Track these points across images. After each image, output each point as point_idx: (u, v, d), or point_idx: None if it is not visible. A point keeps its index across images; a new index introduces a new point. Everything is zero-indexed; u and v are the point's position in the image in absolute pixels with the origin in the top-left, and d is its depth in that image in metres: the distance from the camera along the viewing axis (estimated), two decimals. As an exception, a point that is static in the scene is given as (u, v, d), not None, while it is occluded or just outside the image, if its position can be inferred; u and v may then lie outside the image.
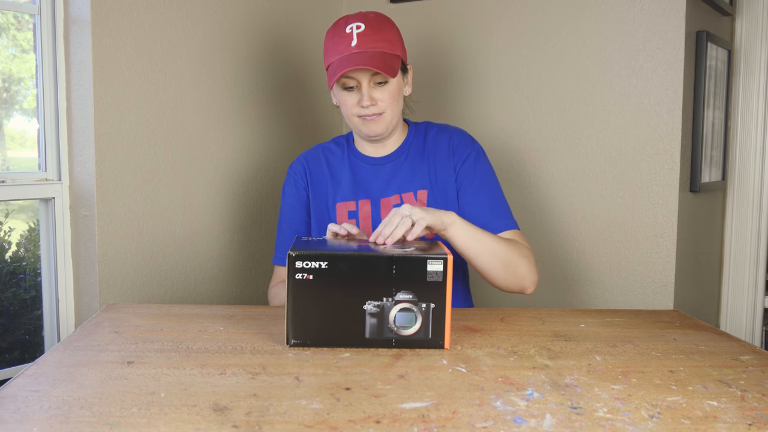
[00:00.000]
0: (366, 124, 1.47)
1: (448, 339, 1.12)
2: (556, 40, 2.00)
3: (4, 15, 1.62)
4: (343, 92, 1.47)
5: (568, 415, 0.85)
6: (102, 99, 1.61)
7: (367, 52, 1.41)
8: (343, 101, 1.48)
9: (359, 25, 1.43)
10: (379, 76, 1.43)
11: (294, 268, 1.10)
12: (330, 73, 1.45)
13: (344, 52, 1.42)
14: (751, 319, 2.39)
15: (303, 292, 1.10)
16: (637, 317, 1.36)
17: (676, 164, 1.87)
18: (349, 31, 1.43)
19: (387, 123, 1.48)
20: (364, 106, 1.44)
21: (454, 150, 1.53)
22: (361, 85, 1.43)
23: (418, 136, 1.57)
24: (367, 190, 1.54)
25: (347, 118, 1.50)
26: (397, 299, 1.11)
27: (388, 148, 1.56)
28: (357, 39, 1.41)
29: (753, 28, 2.30)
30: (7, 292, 1.66)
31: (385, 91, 1.45)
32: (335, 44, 1.45)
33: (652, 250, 1.91)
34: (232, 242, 1.97)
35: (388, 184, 1.53)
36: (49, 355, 1.06)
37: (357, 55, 1.41)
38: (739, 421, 0.84)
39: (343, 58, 1.42)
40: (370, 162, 1.56)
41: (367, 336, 1.11)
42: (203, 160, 1.87)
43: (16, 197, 1.59)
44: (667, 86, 1.86)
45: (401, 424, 0.81)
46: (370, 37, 1.42)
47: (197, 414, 0.84)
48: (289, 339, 1.11)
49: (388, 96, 1.45)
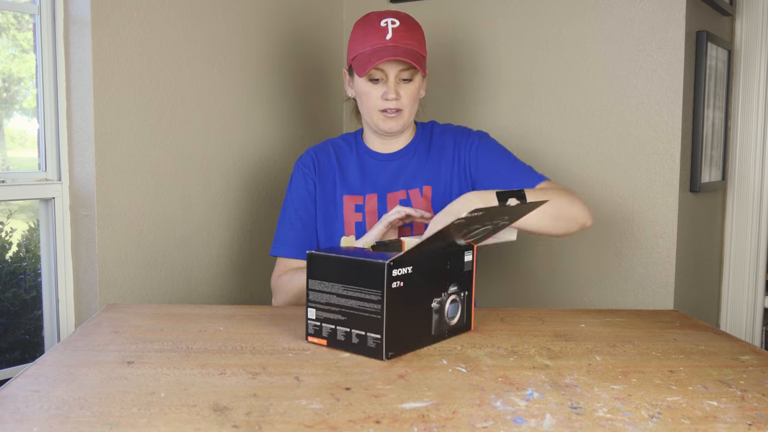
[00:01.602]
0: (386, 120, 1.50)
1: (473, 321, 1.24)
2: (556, 40, 2.00)
3: (4, 15, 1.62)
4: (367, 84, 1.48)
5: (568, 415, 0.85)
6: (102, 99, 1.61)
7: (401, 48, 1.44)
8: (366, 93, 1.49)
9: (394, 21, 1.47)
10: (406, 73, 1.46)
11: (391, 277, 1.04)
12: (360, 62, 1.46)
13: (378, 44, 1.45)
14: (751, 319, 2.39)
15: (397, 302, 1.06)
16: (637, 317, 1.36)
17: (676, 164, 1.87)
18: (384, 24, 1.46)
19: (404, 121, 1.51)
20: (389, 98, 1.46)
21: (458, 145, 1.56)
22: (388, 78, 1.46)
23: (425, 135, 1.60)
24: (374, 185, 1.56)
25: (367, 110, 1.51)
26: (449, 292, 1.16)
27: (396, 145, 1.58)
28: (392, 33, 1.45)
29: (753, 28, 2.30)
30: (8, 293, 1.66)
31: (409, 88, 1.48)
32: (367, 35, 1.47)
33: (652, 250, 1.90)
34: (232, 242, 1.97)
35: (395, 179, 1.56)
36: (49, 355, 1.06)
37: (392, 48, 1.44)
38: (739, 421, 0.84)
39: (378, 49, 1.44)
40: (378, 157, 1.58)
41: (432, 333, 1.14)
42: (203, 160, 1.87)
43: (16, 197, 1.59)
44: (667, 86, 1.86)
45: (401, 424, 0.81)
46: (403, 34, 1.46)
47: (197, 414, 0.84)
48: (386, 353, 1.06)
49: (411, 94, 1.49)
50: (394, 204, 1.53)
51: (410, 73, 1.47)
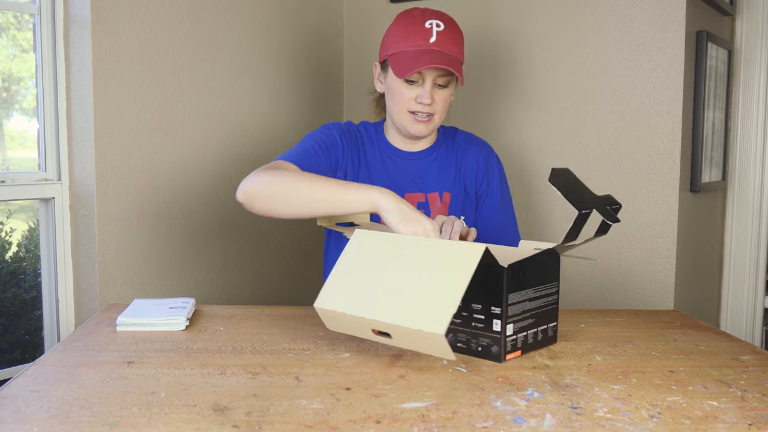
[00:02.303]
0: (415, 124, 1.46)
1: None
2: (557, 39, 2.00)
3: (4, 15, 1.62)
4: (402, 83, 1.44)
5: (568, 415, 0.85)
6: (102, 99, 1.61)
7: (445, 53, 1.40)
8: (400, 93, 1.45)
9: (439, 23, 1.43)
10: (443, 79, 1.43)
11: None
12: (401, 61, 1.42)
13: (421, 45, 1.41)
14: (751, 319, 2.39)
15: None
16: (637, 317, 1.36)
17: (676, 164, 1.87)
18: (429, 26, 1.42)
19: (433, 126, 1.48)
20: (425, 103, 1.43)
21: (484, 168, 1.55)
22: (425, 82, 1.42)
23: (447, 138, 1.58)
24: (393, 182, 1.53)
25: (397, 110, 1.47)
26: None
27: (418, 146, 1.55)
28: (437, 36, 1.41)
29: (753, 28, 2.30)
30: (8, 292, 1.66)
31: (443, 93, 1.45)
32: (410, 34, 1.43)
33: (652, 250, 1.90)
34: (232, 242, 1.97)
35: (414, 180, 1.53)
36: (49, 355, 1.06)
37: (436, 53, 1.40)
38: (739, 421, 0.84)
39: (422, 52, 1.40)
40: (399, 155, 1.54)
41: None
42: (203, 160, 1.87)
43: (16, 197, 1.59)
44: (667, 86, 1.86)
45: (401, 424, 0.81)
46: (448, 38, 1.43)
47: (197, 414, 0.84)
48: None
49: (443, 100, 1.46)
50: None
51: (447, 80, 1.43)
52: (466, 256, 0.99)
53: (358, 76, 2.34)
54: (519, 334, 1.09)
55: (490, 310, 1.07)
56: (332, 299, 1.06)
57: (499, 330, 1.06)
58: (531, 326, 1.11)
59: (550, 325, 1.15)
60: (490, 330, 1.06)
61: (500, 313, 1.06)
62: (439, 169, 1.54)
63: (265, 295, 2.10)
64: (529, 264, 1.08)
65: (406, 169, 1.54)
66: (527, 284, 1.09)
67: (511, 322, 1.07)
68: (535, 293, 1.11)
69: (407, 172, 1.53)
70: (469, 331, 1.09)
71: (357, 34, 2.34)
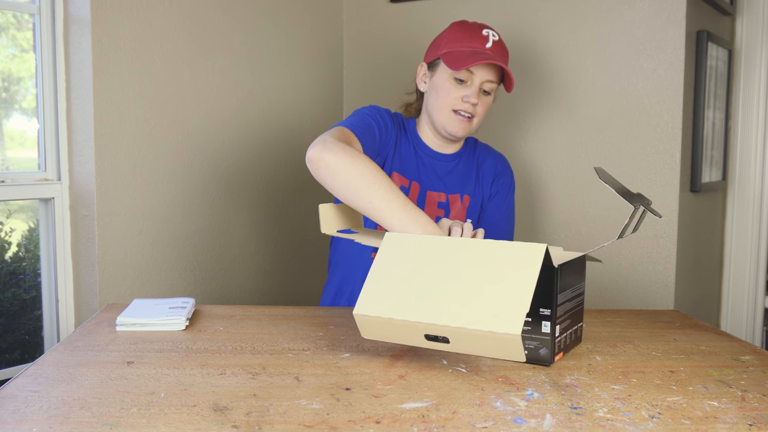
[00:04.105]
0: (454, 123, 1.50)
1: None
2: (556, 40, 2.00)
3: (3, 15, 1.62)
4: (451, 81, 1.49)
5: (568, 415, 0.85)
6: (102, 99, 1.61)
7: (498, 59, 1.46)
8: (446, 89, 1.49)
9: (495, 34, 1.50)
10: (489, 85, 1.49)
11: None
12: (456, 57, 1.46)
13: (478, 48, 1.47)
14: (751, 319, 2.39)
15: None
16: (637, 317, 1.36)
17: (676, 164, 1.87)
18: (485, 34, 1.49)
19: (471, 130, 1.53)
20: (471, 102, 1.47)
21: (499, 175, 1.62)
22: (474, 83, 1.47)
23: (469, 147, 1.64)
24: (419, 177, 1.57)
25: (441, 108, 1.50)
26: None
27: (448, 149, 1.60)
28: (492, 44, 1.48)
29: (753, 28, 2.30)
30: (7, 292, 1.66)
31: (486, 100, 1.51)
32: (468, 37, 1.49)
33: (652, 250, 1.90)
34: (232, 242, 1.97)
35: (439, 179, 1.57)
36: (48, 355, 1.06)
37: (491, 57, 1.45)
38: (739, 422, 0.84)
39: (479, 51, 1.46)
40: (429, 153, 1.59)
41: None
42: (203, 160, 1.86)
43: (15, 197, 1.59)
44: (667, 86, 1.86)
45: (401, 424, 0.81)
46: (501, 48, 1.50)
47: (197, 414, 0.84)
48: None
49: (485, 106, 1.52)
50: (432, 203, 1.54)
51: (492, 87, 1.49)
52: (527, 255, 0.97)
53: (358, 76, 2.34)
54: (562, 335, 1.07)
55: (538, 312, 1.04)
56: (375, 305, 1.01)
57: (548, 332, 1.03)
58: (568, 327, 1.09)
59: (579, 325, 1.15)
60: (539, 332, 1.04)
61: (550, 315, 1.03)
62: (461, 174, 1.59)
63: (265, 295, 2.10)
64: (570, 264, 1.08)
65: (433, 168, 1.58)
66: (569, 285, 1.08)
67: (558, 323, 1.05)
68: (572, 293, 1.10)
69: (434, 171, 1.57)
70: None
71: (357, 34, 2.34)
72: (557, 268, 1.02)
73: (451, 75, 1.48)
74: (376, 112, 1.52)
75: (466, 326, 0.92)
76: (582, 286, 1.15)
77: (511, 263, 0.97)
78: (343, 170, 1.25)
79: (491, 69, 1.47)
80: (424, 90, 1.56)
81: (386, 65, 2.28)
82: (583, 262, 1.15)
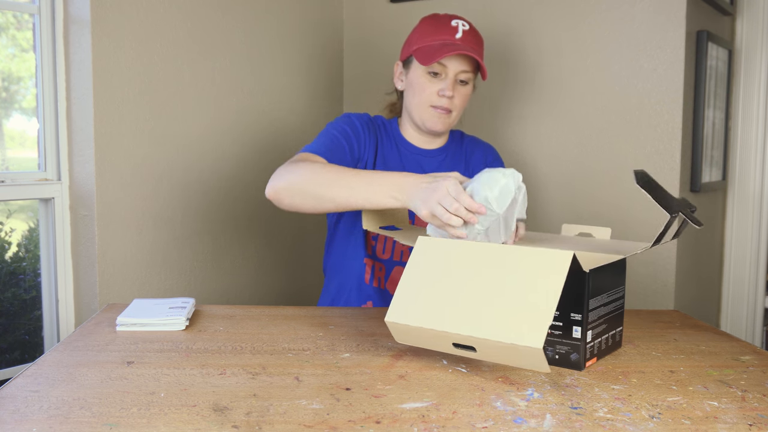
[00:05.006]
0: (434, 118, 1.49)
1: None
2: (556, 40, 2.00)
3: (3, 15, 1.62)
4: (426, 76, 1.48)
5: (568, 415, 0.85)
6: (102, 99, 1.61)
7: (470, 48, 1.45)
8: (421, 85, 1.48)
9: (464, 24, 1.48)
10: (465, 75, 1.47)
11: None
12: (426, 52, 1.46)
13: (448, 40, 1.46)
14: (751, 319, 2.39)
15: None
16: (637, 317, 1.36)
17: (676, 164, 1.87)
18: (455, 24, 1.48)
19: (450, 123, 1.52)
20: (446, 95, 1.46)
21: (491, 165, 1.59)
22: (448, 75, 1.46)
23: (455, 140, 1.62)
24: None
25: (418, 104, 1.50)
26: None
27: (433, 144, 1.59)
28: (462, 34, 1.47)
29: (753, 28, 2.30)
30: (7, 292, 1.66)
31: (463, 90, 1.49)
32: (437, 30, 1.48)
33: (652, 250, 1.90)
34: (233, 242, 1.97)
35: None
36: (48, 355, 1.06)
37: (461, 47, 1.44)
38: (739, 422, 0.84)
39: (448, 44, 1.45)
40: (413, 150, 1.58)
41: None
42: (203, 160, 1.86)
43: (15, 197, 1.59)
44: (667, 86, 1.86)
45: (401, 424, 0.81)
46: (472, 38, 1.48)
47: (197, 414, 0.84)
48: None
49: (463, 97, 1.50)
50: None
51: (468, 76, 1.48)
52: (553, 263, 0.94)
53: (358, 76, 2.34)
54: (596, 341, 1.05)
55: (569, 317, 1.03)
56: (406, 313, 1.00)
57: (579, 337, 1.02)
58: (604, 332, 1.08)
59: (618, 329, 1.13)
60: (569, 337, 1.03)
61: (581, 320, 1.02)
62: (449, 168, 1.58)
63: (265, 295, 2.10)
64: (605, 268, 1.06)
65: (420, 164, 1.57)
66: (603, 289, 1.06)
67: (590, 328, 1.03)
68: (608, 297, 1.08)
69: (420, 167, 1.56)
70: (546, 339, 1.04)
71: (357, 34, 2.34)
72: (588, 273, 1.01)
73: (425, 70, 1.47)
74: (347, 123, 1.50)
75: (490, 337, 0.92)
76: (621, 290, 1.12)
77: (539, 271, 0.95)
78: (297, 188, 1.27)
79: (464, 59, 1.45)
80: (402, 88, 1.56)
81: (386, 65, 2.28)
82: (623, 266, 1.12)
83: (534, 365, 0.92)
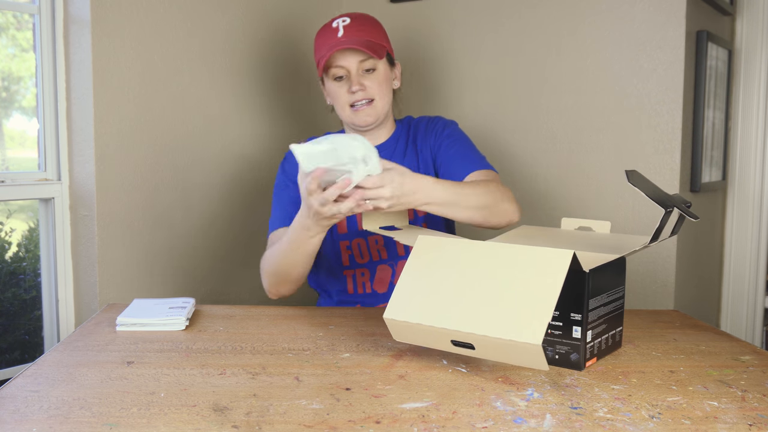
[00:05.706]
0: (357, 114, 1.51)
1: None
2: (556, 40, 2.00)
3: (3, 15, 1.62)
4: (333, 83, 1.51)
5: (568, 415, 0.85)
6: (102, 99, 1.61)
7: (353, 39, 1.47)
8: (334, 93, 1.52)
9: (345, 19, 1.50)
10: (368, 63, 1.48)
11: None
12: (319, 63, 1.51)
13: (331, 41, 1.48)
14: (751, 319, 2.39)
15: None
16: (637, 317, 1.36)
17: (676, 164, 1.87)
18: (335, 25, 1.50)
19: (378, 112, 1.52)
20: (354, 91, 1.48)
21: (429, 130, 1.59)
22: (350, 73, 1.49)
23: (404, 129, 1.63)
24: None
25: (340, 109, 1.53)
26: None
27: (378, 139, 1.59)
28: (343, 30, 1.49)
29: (753, 28, 2.30)
30: (7, 292, 1.66)
31: (373, 78, 1.50)
32: (323, 37, 1.52)
33: (652, 250, 1.90)
34: (233, 242, 1.97)
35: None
36: (48, 355, 1.06)
37: (343, 42, 1.47)
38: (739, 422, 0.84)
39: (331, 45, 1.48)
40: None
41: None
42: (203, 160, 1.86)
43: (15, 197, 1.59)
44: (667, 86, 1.86)
45: (401, 424, 0.81)
46: (355, 29, 1.49)
47: (197, 414, 0.84)
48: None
49: (377, 83, 1.50)
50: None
51: (371, 63, 1.49)
52: (552, 262, 0.94)
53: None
54: (595, 341, 1.05)
55: (569, 317, 1.02)
56: (404, 310, 1.01)
57: (579, 337, 1.02)
58: (604, 332, 1.07)
59: (618, 329, 1.12)
60: (569, 337, 1.03)
61: (581, 320, 1.01)
62: (400, 159, 1.58)
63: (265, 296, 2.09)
64: (605, 267, 1.05)
65: None
66: (603, 288, 1.06)
67: (590, 328, 1.03)
68: (608, 297, 1.08)
69: None
70: (545, 339, 1.04)
71: (357, 34, 2.34)
72: (588, 273, 1.01)
73: (331, 78, 1.51)
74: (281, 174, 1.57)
75: (489, 334, 0.92)
76: (621, 290, 1.12)
77: (538, 270, 0.95)
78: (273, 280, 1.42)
79: (355, 51, 1.47)
80: (330, 102, 1.58)
81: (386, 65, 2.28)
82: (622, 265, 1.12)
83: (533, 363, 0.91)
